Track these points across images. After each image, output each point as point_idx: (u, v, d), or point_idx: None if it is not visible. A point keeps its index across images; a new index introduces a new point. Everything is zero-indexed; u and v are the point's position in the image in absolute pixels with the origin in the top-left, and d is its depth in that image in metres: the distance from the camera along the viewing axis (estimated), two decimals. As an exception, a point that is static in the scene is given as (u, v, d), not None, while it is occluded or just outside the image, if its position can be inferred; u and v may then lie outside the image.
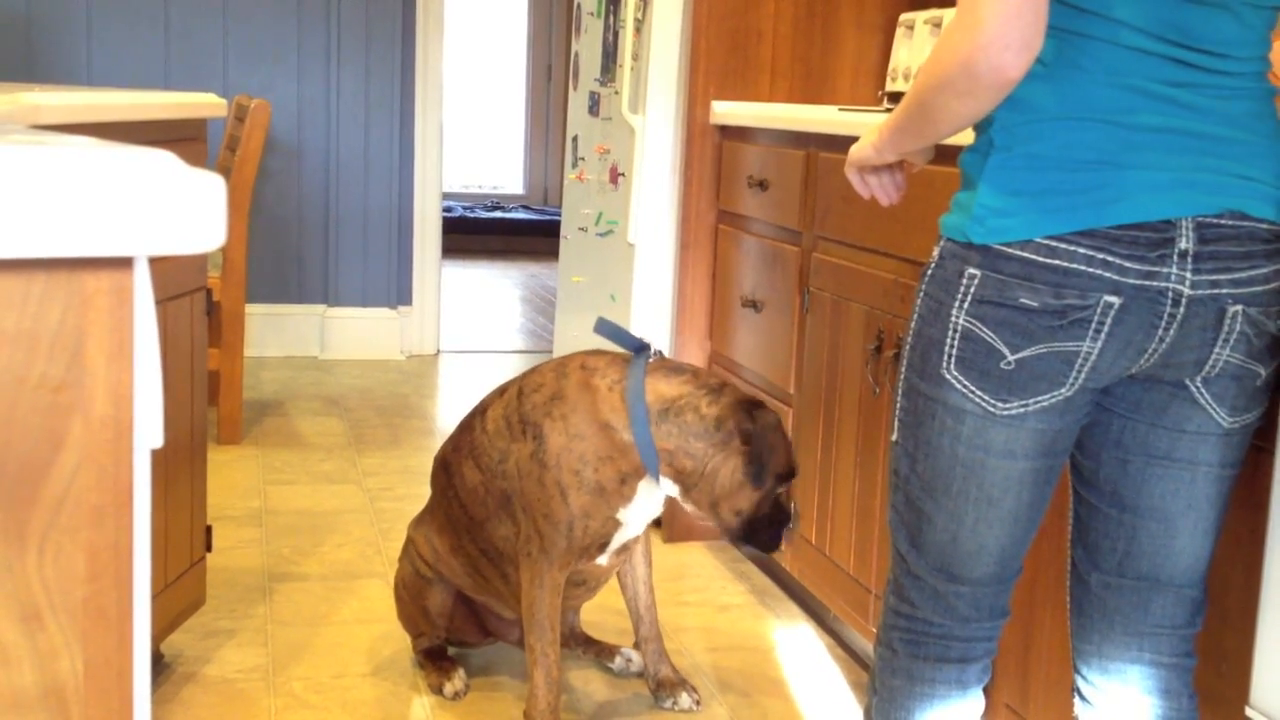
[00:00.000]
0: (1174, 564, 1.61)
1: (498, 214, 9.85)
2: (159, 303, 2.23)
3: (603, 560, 2.45)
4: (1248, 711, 1.62)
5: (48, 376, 0.78)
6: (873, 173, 1.73)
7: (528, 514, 2.36)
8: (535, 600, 2.39)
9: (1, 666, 0.79)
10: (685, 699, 2.61)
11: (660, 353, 2.41)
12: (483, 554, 2.52)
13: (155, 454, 0.84)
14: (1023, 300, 1.46)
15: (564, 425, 2.31)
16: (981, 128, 1.52)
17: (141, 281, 0.80)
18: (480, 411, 2.51)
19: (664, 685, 2.63)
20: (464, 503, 2.50)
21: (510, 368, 5.70)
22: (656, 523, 3.64)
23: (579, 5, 4.17)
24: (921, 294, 1.57)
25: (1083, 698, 1.71)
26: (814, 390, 2.90)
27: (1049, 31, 1.42)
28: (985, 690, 1.70)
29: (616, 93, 3.71)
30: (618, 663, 2.79)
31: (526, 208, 10.21)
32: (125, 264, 0.79)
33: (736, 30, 3.45)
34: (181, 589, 2.58)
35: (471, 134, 10.39)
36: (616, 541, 2.41)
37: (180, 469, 2.53)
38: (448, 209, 8.76)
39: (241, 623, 2.94)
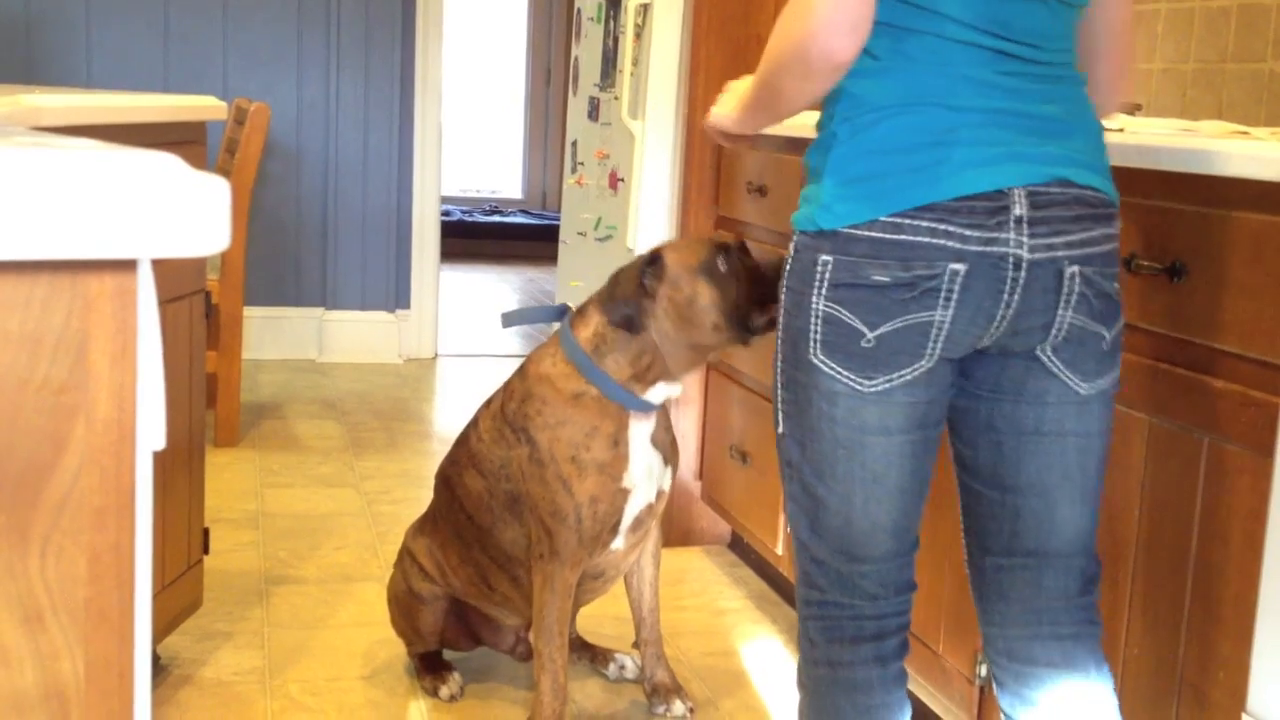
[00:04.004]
0: (1059, 536, 1.66)
1: (496, 218, 9.85)
2: (158, 305, 2.23)
3: (619, 544, 2.43)
4: (1244, 717, 1.62)
5: (51, 378, 0.78)
6: (732, 138, 1.89)
7: (534, 514, 2.38)
8: (546, 604, 2.39)
9: (3, 667, 0.79)
10: (679, 706, 2.61)
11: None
12: (493, 561, 2.52)
13: (153, 456, 0.84)
14: (874, 277, 1.53)
15: (544, 420, 2.36)
16: (824, 124, 1.61)
17: (145, 284, 0.80)
18: (474, 424, 2.55)
19: (659, 690, 2.63)
20: (469, 512, 2.51)
21: (508, 372, 5.70)
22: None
23: (579, 10, 4.18)
24: (784, 289, 1.63)
25: (998, 683, 1.74)
26: (812, 396, 2.90)
27: (884, 28, 1.52)
28: (983, 692, 1.71)
29: (616, 98, 3.72)
30: (612, 669, 2.79)
31: (525, 212, 10.22)
32: (129, 266, 0.79)
33: (736, 37, 3.45)
34: (178, 591, 2.58)
35: (470, 138, 10.39)
36: (628, 517, 2.40)
37: (178, 471, 2.53)
38: (446, 213, 8.75)
39: (238, 625, 2.94)
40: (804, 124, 2.98)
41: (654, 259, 2.32)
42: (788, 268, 1.62)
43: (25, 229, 0.73)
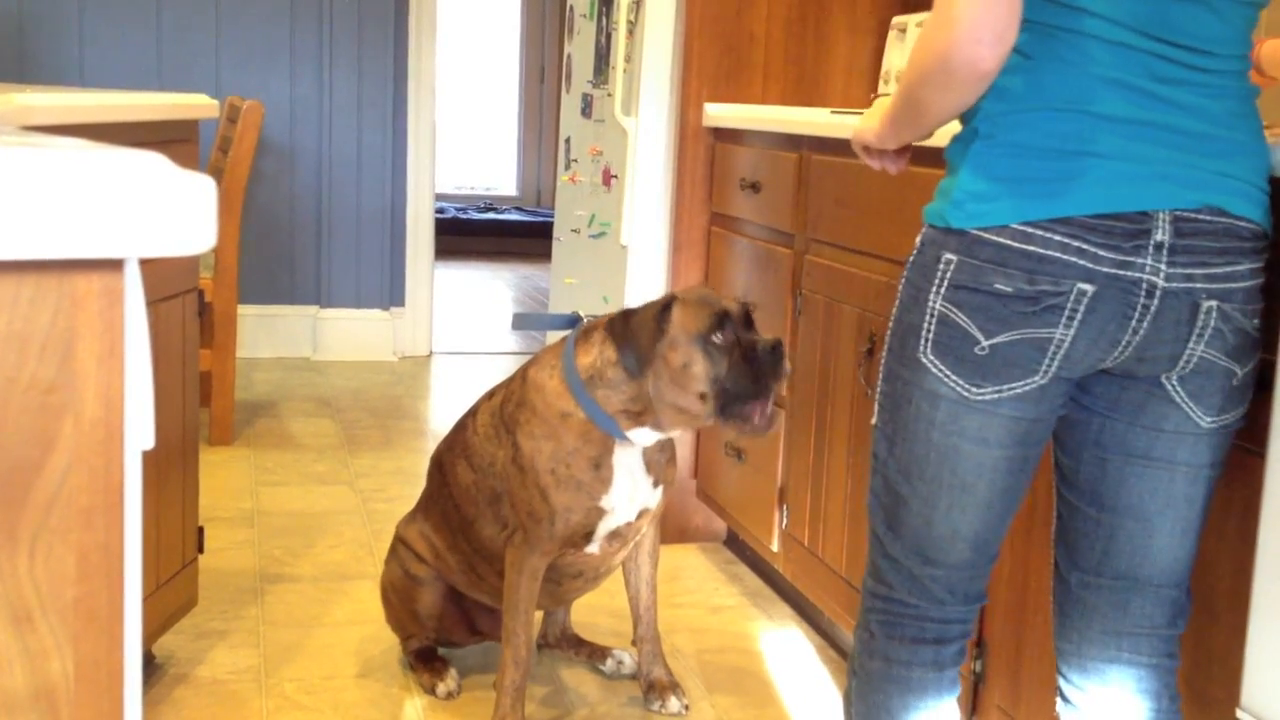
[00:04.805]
0: (1152, 564, 1.62)
1: (491, 215, 9.85)
2: (151, 304, 2.23)
3: (593, 549, 2.45)
4: (1238, 713, 1.62)
5: (38, 378, 0.78)
6: (877, 155, 1.76)
7: (514, 511, 2.41)
8: (514, 584, 2.42)
9: (-8, 668, 0.79)
10: (674, 703, 2.61)
11: (590, 318, 2.43)
12: (476, 552, 2.53)
13: (147, 455, 0.84)
14: (997, 285, 1.47)
15: (531, 430, 2.37)
16: (967, 118, 1.54)
17: (132, 283, 0.80)
18: (472, 413, 2.55)
19: (655, 687, 2.63)
20: (457, 502, 2.52)
21: (502, 370, 5.70)
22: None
23: (572, 7, 4.17)
24: (903, 281, 1.59)
25: (1064, 698, 1.71)
26: (806, 393, 2.90)
27: (1033, 25, 1.45)
28: (975, 688, 1.70)
29: (609, 95, 3.72)
30: (609, 664, 2.79)
31: (519, 209, 10.21)
32: (116, 265, 0.79)
33: (729, 33, 3.45)
34: (173, 590, 2.58)
35: (464, 135, 10.39)
36: (603, 529, 2.41)
37: (172, 470, 2.53)
38: (440, 210, 8.74)
39: (233, 624, 2.94)
40: (799, 121, 2.99)
41: (666, 307, 2.28)
42: (910, 259, 1.58)
43: (11, 228, 0.72)
